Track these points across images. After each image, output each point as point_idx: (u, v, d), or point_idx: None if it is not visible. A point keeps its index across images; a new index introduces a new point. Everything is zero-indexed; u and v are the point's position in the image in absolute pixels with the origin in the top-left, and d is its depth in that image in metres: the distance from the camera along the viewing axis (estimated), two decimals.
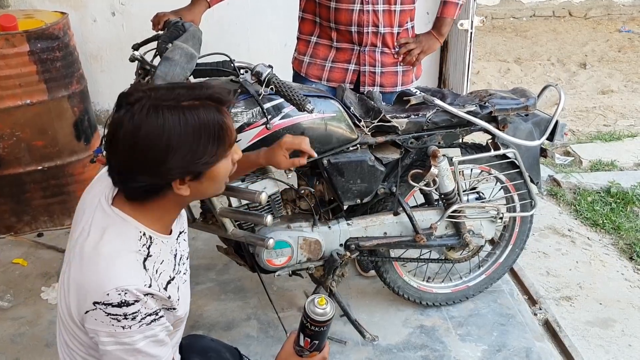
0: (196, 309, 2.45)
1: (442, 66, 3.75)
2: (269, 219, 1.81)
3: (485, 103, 2.07)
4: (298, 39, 2.47)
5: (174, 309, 1.22)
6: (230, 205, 1.89)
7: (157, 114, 1.07)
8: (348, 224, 2.10)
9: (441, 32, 2.41)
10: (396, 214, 2.13)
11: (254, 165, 1.78)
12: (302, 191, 2.05)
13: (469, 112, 2.03)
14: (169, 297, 1.19)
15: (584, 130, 4.36)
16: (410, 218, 2.11)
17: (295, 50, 2.49)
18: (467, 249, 2.28)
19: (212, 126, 1.11)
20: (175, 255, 1.30)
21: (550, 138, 2.18)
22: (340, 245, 2.10)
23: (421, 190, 2.19)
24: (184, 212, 1.42)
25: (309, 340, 1.34)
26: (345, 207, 2.10)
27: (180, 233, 1.36)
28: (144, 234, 1.18)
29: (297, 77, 2.47)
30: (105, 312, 1.09)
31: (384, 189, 2.08)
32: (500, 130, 2.09)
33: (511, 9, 7.70)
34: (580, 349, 2.21)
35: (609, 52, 6.33)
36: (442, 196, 2.15)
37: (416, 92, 2.09)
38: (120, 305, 1.09)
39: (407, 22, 2.37)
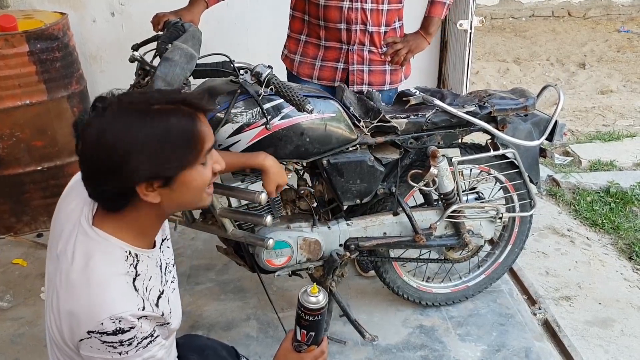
0: (196, 309, 2.45)
1: (441, 66, 3.75)
2: (268, 219, 1.81)
3: (484, 103, 2.07)
4: (288, 36, 2.47)
5: (168, 323, 1.22)
6: (230, 205, 1.89)
7: (124, 116, 1.06)
8: (348, 224, 2.10)
9: (429, 31, 2.41)
10: (396, 214, 2.14)
11: (254, 162, 1.78)
12: (302, 191, 2.05)
13: (468, 113, 2.03)
14: (162, 314, 1.18)
15: (583, 130, 4.36)
16: (410, 218, 2.12)
17: (285, 47, 2.49)
18: (467, 249, 2.28)
19: (180, 130, 1.09)
20: (161, 266, 1.28)
21: (550, 138, 2.18)
22: (340, 245, 2.10)
23: (421, 191, 2.19)
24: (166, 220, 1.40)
25: (305, 332, 1.34)
26: (344, 208, 2.10)
27: (163, 241, 1.34)
28: (130, 253, 1.15)
29: (290, 75, 2.48)
30: (101, 341, 1.08)
31: (384, 189, 2.08)
32: (499, 130, 2.09)
33: (510, 9, 7.71)
34: (579, 348, 2.22)
35: (608, 52, 6.34)
36: (442, 196, 2.16)
37: (415, 92, 2.09)
38: (115, 333, 1.07)
39: (394, 22, 2.37)
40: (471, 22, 3.20)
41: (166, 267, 1.31)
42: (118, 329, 1.07)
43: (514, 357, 2.20)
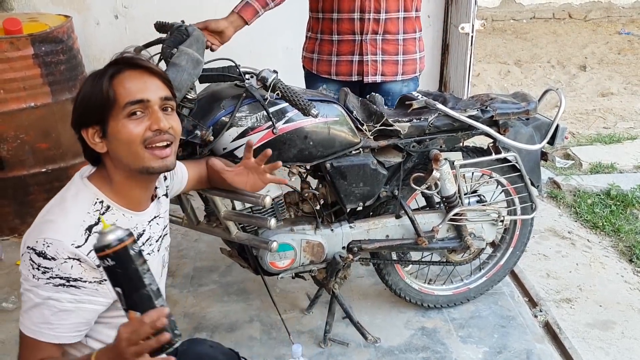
0: (199, 311, 2.47)
1: (442, 69, 3.77)
2: (272, 222, 1.83)
3: (486, 107, 2.09)
4: (306, 37, 2.54)
5: (105, 280, 1.10)
6: (234, 208, 1.91)
7: (87, 77, 1.25)
8: (350, 227, 2.12)
9: None
10: (398, 216, 2.15)
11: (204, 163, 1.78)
12: (305, 194, 2.07)
13: (470, 117, 2.05)
14: (99, 266, 1.14)
15: (583, 133, 4.38)
16: (412, 221, 2.13)
17: (303, 49, 2.55)
18: (468, 251, 2.29)
19: (95, 83, 1.21)
20: (142, 235, 1.34)
21: (551, 142, 2.20)
22: (343, 247, 2.12)
23: (423, 194, 2.21)
24: (165, 199, 1.46)
25: (119, 292, 1.02)
26: (347, 210, 2.11)
27: (155, 217, 1.40)
28: (102, 202, 1.25)
29: (309, 75, 2.53)
30: (30, 258, 1.16)
31: (386, 192, 2.10)
32: (501, 134, 2.10)
33: (511, 11, 7.73)
34: (580, 350, 2.23)
35: (609, 54, 6.35)
36: (444, 199, 2.17)
37: (418, 96, 2.11)
38: (39, 254, 1.15)
39: (412, 9, 2.40)
40: (472, 25, 3.22)
41: (148, 239, 1.36)
42: (43, 252, 1.16)
43: (515, 359, 2.21)
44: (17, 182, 2.89)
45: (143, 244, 1.34)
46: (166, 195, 1.50)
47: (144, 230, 1.35)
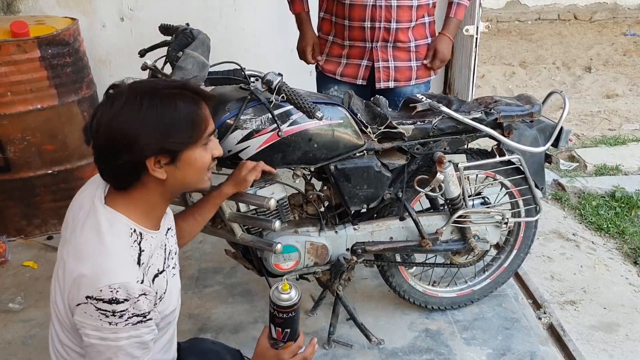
0: (204, 312, 2.48)
1: (447, 72, 3.77)
2: (277, 224, 1.84)
3: (490, 110, 2.09)
4: (318, 37, 2.57)
5: (160, 299, 1.27)
6: (238, 210, 1.92)
7: (135, 99, 1.18)
8: (355, 229, 2.12)
9: (454, 33, 2.53)
10: (402, 219, 2.16)
11: (219, 198, 1.76)
12: (310, 196, 2.08)
13: (474, 119, 2.05)
14: (156, 293, 1.24)
15: (588, 135, 4.37)
16: (416, 223, 2.14)
17: None
18: (472, 253, 2.29)
19: (186, 111, 1.21)
20: (165, 250, 1.35)
21: (555, 144, 2.20)
22: (347, 249, 2.13)
23: (427, 196, 2.22)
24: (170, 210, 1.47)
25: (280, 330, 1.36)
26: (351, 212, 2.12)
27: (169, 229, 1.42)
28: (135, 231, 1.24)
29: (320, 76, 2.60)
30: (96, 307, 1.14)
31: (390, 194, 2.10)
32: (505, 136, 2.11)
33: (516, 12, 7.72)
34: (584, 353, 2.23)
35: (614, 55, 6.33)
36: (448, 201, 2.18)
37: (422, 98, 2.12)
38: (110, 302, 1.14)
39: (424, 17, 2.43)
40: (477, 27, 3.22)
41: (169, 253, 1.38)
42: (114, 298, 1.14)
43: None
44: (24, 184, 2.91)
45: (168, 259, 1.36)
46: None
47: (166, 245, 1.37)
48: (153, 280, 1.25)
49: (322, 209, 2.12)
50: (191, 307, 2.51)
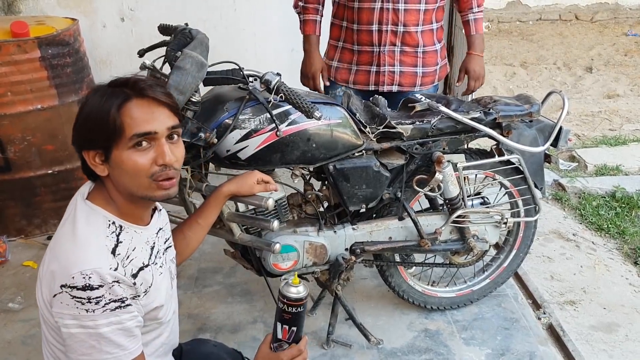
0: (203, 312, 2.48)
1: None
2: (275, 224, 1.83)
3: (489, 110, 2.10)
4: (328, 44, 2.58)
5: (138, 296, 1.23)
6: (237, 210, 1.92)
7: (91, 93, 1.23)
8: (353, 229, 2.12)
9: (482, 48, 2.55)
10: (401, 218, 2.16)
11: (220, 200, 1.70)
12: (309, 196, 2.08)
13: (473, 119, 2.05)
14: (134, 284, 1.22)
15: (589, 135, 4.37)
16: (415, 223, 2.14)
17: (325, 55, 2.60)
18: (472, 253, 2.29)
19: (101, 110, 1.18)
20: (153, 248, 1.34)
21: (555, 144, 2.20)
22: (346, 249, 2.13)
23: (426, 196, 2.21)
24: (165, 212, 1.48)
25: (287, 328, 1.36)
26: (350, 212, 2.12)
27: (160, 229, 1.41)
28: (113, 223, 1.25)
29: (332, 83, 2.59)
30: (71, 295, 1.13)
31: (389, 194, 2.11)
32: (504, 136, 2.11)
33: (517, 13, 7.72)
34: (583, 353, 2.23)
35: (615, 56, 6.33)
36: (447, 201, 2.18)
37: (421, 98, 2.12)
38: (84, 288, 1.13)
39: (432, 22, 2.43)
40: None
41: (158, 251, 1.37)
42: (87, 285, 1.13)
43: None
44: (24, 184, 2.92)
45: (155, 257, 1.35)
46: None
47: (154, 243, 1.36)
48: (138, 272, 1.24)
49: (321, 209, 2.12)
50: (190, 307, 2.51)
